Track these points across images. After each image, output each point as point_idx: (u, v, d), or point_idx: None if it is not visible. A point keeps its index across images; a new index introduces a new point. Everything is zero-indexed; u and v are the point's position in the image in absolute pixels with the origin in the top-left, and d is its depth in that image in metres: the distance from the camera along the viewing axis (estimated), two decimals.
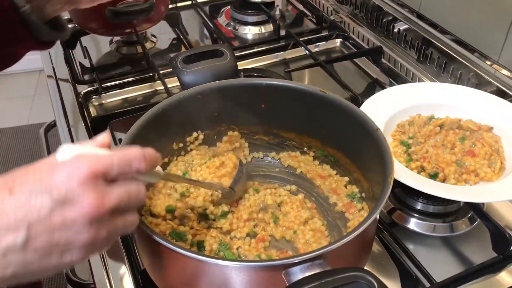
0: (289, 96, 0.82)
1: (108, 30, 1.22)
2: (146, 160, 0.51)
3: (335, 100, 0.78)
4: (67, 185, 0.45)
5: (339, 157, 0.83)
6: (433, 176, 0.82)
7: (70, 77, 1.19)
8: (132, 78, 1.19)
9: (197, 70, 0.83)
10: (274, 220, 0.77)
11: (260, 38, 1.38)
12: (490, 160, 0.84)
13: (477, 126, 0.90)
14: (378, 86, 1.19)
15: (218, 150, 0.88)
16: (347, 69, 1.25)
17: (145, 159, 0.51)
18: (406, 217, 0.85)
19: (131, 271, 0.74)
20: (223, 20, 1.43)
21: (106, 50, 1.34)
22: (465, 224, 0.84)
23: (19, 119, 2.89)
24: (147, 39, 1.35)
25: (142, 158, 0.50)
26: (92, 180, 0.46)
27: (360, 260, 0.67)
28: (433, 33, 1.17)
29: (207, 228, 0.75)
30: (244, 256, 0.72)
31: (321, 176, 0.84)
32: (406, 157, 0.86)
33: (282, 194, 0.82)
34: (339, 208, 0.80)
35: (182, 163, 0.84)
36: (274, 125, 0.87)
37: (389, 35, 1.28)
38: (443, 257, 0.81)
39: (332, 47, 1.34)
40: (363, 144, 0.74)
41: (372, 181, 0.75)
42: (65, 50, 1.28)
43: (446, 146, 0.87)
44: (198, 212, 0.76)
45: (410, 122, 0.92)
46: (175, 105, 0.78)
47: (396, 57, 1.23)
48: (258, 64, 1.27)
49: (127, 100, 1.17)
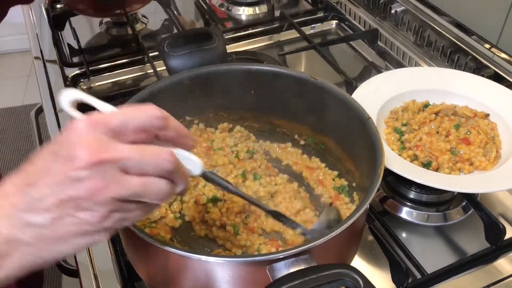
0: (279, 82, 0.80)
1: (97, 11, 1.19)
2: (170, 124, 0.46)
3: (326, 87, 0.76)
4: (64, 137, 0.42)
5: (330, 145, 0.81)
6: (426, 165, 0.80)
7: (58, 59, 1.16)
8: (121, 61, 1.16)
9: (185, 54, 0.80)
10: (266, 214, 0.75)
11: (254, 19, 1.34)
12: (486, 148, 0.82)
13: (473, 113, 0.88)
14: (373, 70, 1.16)
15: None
16: (342, 51, 1.23)
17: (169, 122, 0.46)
18: (399, 206, 0.83)
19: (116, 262, 0.73)
20: (216, 1, 1.39)
21: (96, 31, 1.31)
22: (459, 213, 0.83)
23: (14, 100, 2.86)
24: (138, 20, 1.31)
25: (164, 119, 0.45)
26: (93, 128, 0.42)
27: (349, 254, 0.66)
28: (431, 15, 1.14)
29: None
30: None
31: (308, 167, 0.82)
32: (399, 145, 0.84)
33: (278, 182, 0.81)
34: (325, 199, 0.78)
35: None
36: (264, 112, 0.85)
37: (386, 16, 1.25)
38: (436, 247, 0.79)
39: (328, 29, 1.31)
40: (354, 132, 0.72)
41: (363, 170, 0.73)
42: (53, 31, 1.25)
43: (440, 133, 0.85)
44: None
45: (404, 108, 0.89)
46: (161, 91, 0.75)
47: (393, 40, 1.20)
48: (252, 46, 1.24)
49: (116, 83, 1.14)
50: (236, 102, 0.83)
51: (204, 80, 0.79)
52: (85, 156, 0.41)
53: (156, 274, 0.62)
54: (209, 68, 0.79)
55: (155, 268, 0.62)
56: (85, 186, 0.41)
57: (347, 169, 0.79)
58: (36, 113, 1.27)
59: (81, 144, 0.41)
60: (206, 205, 0.76)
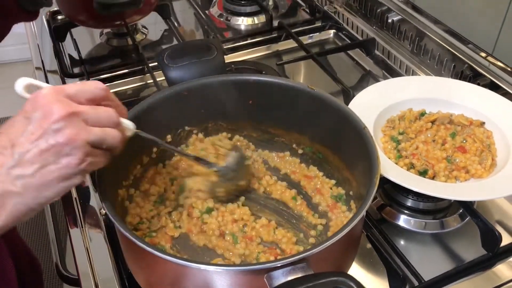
0: (277, 92, 0.81)
1: (97, 22, 1.20)
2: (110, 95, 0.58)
3: (322, 97, 0.77)
4: (33, 104, 0.52)
5: (327, 154, 0.82)
6: (422, 173, 0.81)
7: (59, 70, 1.17)
8: (122, 71, 1.17)
9: (184, 66, 0.81)
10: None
11: (253, 29, 1.36)
12: (481, 156, 0.83)
13: (469, 121, 0.89)
14: (371, 79, 1.18)
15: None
16: (340, 60, 1.24)
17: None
18: (396, 214, 0.84)
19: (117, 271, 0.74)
20: (215, 11, 1.41)
21: (96, 42, 1.33)
22: (456, 220, 0.83)
23: (14, 110, 2.87)
24: (138, 31, 1.33)
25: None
26: (56, 94, 0.52)
27: (346, 262, 0.67)
28: (427, 25, 1.15)
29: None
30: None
31: (306, 176, 0.83)
32: (396, 153, 0.85)
33: (278, 187, 0.82)
34: (322, 208, 0.79)
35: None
36: (263, 121, 0.86)
37: (382, 26, 1.26)
38: (433, 254, 0.80)
39: (326, 38, 1.33)
40: (351, 142, 0.73)
41: (360, 179, 0.74)
42: (54, 42, 1.27)
43: (436, 141, 0.86)
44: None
45: (400, 117, 0.90)
46: (160, 102, 0.77)
47: (390, 49, 1.21)
48: (250, 56, 1.25)
49: (117, 94, 1.15)
50: (234, 112, 0.84)
51: (203, 91, 0.80)
52: (59, 110, 0.51)
53: (156, 283, 0.63)
54: (208, 79, 0.80)
55: (155, 277, 0.62)
56: (63, 134, 0.51)
57: (344, 178, 0.79)
58: None
59: (53, 102, 0.51)
60: (202, 217, 0.77)
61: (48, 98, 0.51)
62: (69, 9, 1.19)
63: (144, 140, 0.67)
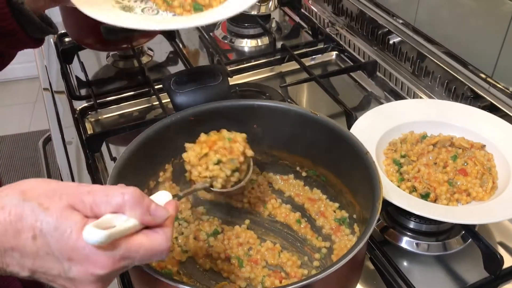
0: (280, 117, 0.83)
1: (104, 45, 1.23)
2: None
3: (325, 122, 0.79)
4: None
5: (330, 177, 0.83)
6: (424, 196, 0.82)
7: (67, 92, 1.20)
8: (128, 93, 1.19)
9: (190, 92, 0.84)
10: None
11: (256, 51, 1.38)
12: (482, 179, 0.84)
13: (470, 144, 0.90)
14: (373, 100, 1.19)
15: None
16: (343, 82, 1.26)
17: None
18: (399, 236, 0.85)
19: None
20: (219, 33, 1.44)
21: (103, 63, 1.35)
22: (458, 242, 0.84)
23: (20, 127, 2.90)
24: (144, 53, 1.35)
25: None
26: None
27: (350, 285, 0.68)
28: (428, 47, 1.17)
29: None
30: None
31: (310, 199, 0.85)
32: (398, 176, 0.86)
33: (282, 210, 0.83)
34: (326, 231, 0.80)
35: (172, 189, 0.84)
36: (267, 145, 0.88)
37: (384, 48, 1.28)
38: (436, 277, 0.80)
39: (328, 59, 1.35)
40: (353, 166, 0.74)
41: (362, 203, 0.75)
42: (62, 64, 1.29)
43: (438, 164, 0.87)
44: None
45: (402, 140, 0.92)
46: (167, 127, 0.79)
47: (391, 71, 1.23)
48: (254, 77, 1.27)
49: (123, 116, 1.17)
50: None
51: (209, 116, 0.82)
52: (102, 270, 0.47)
53: None
54: (213, 104, 0.82)
55: None
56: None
57: (347, 201, 0.81)
58: (44, 142, 1.30)
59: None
60: (208, 240, 0.78)
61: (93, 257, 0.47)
62: (77, 33, 1.22)
63: (152, 167, 0.67)
